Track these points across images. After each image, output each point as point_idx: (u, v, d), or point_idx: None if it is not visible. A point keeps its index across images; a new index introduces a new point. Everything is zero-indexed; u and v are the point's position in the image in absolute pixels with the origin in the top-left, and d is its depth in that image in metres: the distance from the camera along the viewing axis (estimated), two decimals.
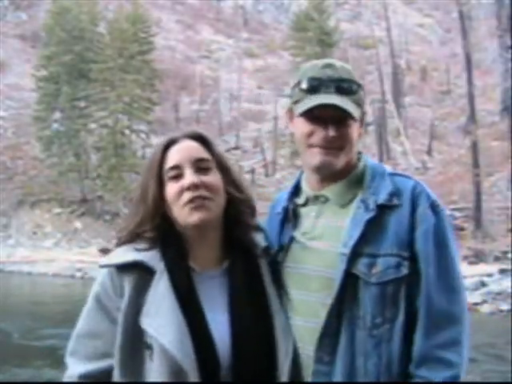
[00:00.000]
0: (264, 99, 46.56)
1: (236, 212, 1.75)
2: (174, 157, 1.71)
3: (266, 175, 38.34)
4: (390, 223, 1.69)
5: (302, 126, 1.77)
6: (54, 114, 38.11)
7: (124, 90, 36.14)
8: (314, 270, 1.74)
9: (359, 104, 1.77)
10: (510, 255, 22.41)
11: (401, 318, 1.65)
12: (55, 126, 38.15)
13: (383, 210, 1.71)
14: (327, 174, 1.79)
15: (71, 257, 29.21)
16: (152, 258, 1.67)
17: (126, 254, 1.68)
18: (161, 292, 1.63)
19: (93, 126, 37.67)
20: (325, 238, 1.75)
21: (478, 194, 26.88)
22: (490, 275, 19.35)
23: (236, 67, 48.59)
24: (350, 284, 1.67)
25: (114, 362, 1.64)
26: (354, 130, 1.77)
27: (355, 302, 1.67)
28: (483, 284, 18.24)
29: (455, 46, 41.18)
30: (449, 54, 46.65)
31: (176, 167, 1.70)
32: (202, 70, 49.63)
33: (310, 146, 1.76)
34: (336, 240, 1.72)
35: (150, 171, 1.72)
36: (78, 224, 34.99)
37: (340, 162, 1.76)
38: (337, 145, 1.74)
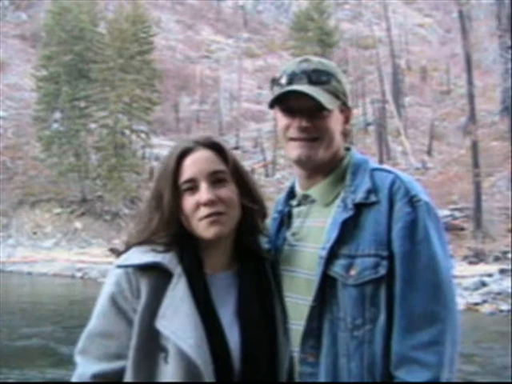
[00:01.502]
0: (264, 99, 46.55)
1: (249, 222, 1.76)
2: (189, 169, 1.69)
3: (266, 175, 38.34)
4: (368, 222, 1.66)
5: (280, 120, 1.78)
6: (54, 113, 38.13)
7: (124, 89, 36.14)
8: (300, 272, 1.73)
9: (336, 95, 1.75)
10: (510, 255, 22.40)
11: (382, 318, 1.62)
12: (55, 126, 38.16)
13: (361, 208, 1.67)
14: (311, 168, 1.77)
15: (71, 257, 29.22)
16: (170, 260, 1.66)
17: (145, 255, 1.67)
18: (179, 295, 1.62)
19: (93, 126, 37.68)
20: (308, 239, 1.74)
21: (478, 194, 26.85)
22: (490, 275, 19.34)
23: (236, 67, 48.60)
24: (328, 286, 1.65)
25: (128, 363, 1.62)
26: (333, 121, 1.75)
27: (335, 303, 1.65)
28: (483, 284, 18.24)
29: (455, 46, 41.16)
30: (449, 53, 46.62)
31: (191, 180, 1.69)
32: (202, 70, 49.65)
33: (289, 139, 1.76)
34: (317, 241, 1.70)
35: (165, 180, 1.70)
36: (77, 224, 34.99)
37: (319, 153, 1.74)
38: (312, 136, 1.73)
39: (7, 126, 41.33)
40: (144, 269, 1.65)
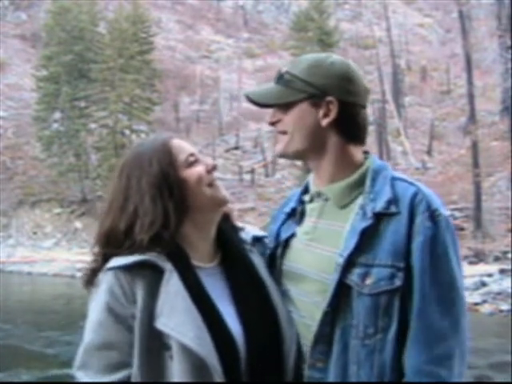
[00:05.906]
0: None
1: None
2: (185, 147, 1.77)
3: (266, 175, 38.34)
4: (387, 232, 1.66)
5: None
6: (54, 113, 38.16)
7: (124, 89, 36.16)
8: (309, 272, 1.73)
9: (295, 89, 1.76)
10: (510, 255, 22.39)
11: (394, 328, 1.63)
12: (55, 125, 38.19)
13: (381, 218, 1.67)
14: (295, 159, 1.87)
15: (71, 257, 29.20)
16: (158, 257, 1.64)
17: (132, 256, 1.64)
18: (173, 291, 1.61)
19: (93, 126, 37.71)
20: (323, 241, 1.74)
21: (478, 194, 26.84)
22: (490, 275, 19.33)
23: (236, 67, 48.62)
24: (343, 293, 1.66)
25: (134, 368, 1.59)
26: (298, 115, 1.76)
27: (349, 310, 1.66)
28: (483, 284, 18.22)
29: (455, 46, 41.18)
30: (449, 53, 46.64)
31: (193, 154, 1.76)
32: (202, 70, 49.64)
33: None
34: (333, 245, 1.70)
35: (168, 165, 1.70)
36: (77, 224, 35.00)
37: (288, 146, 1.78)
38: (280, 130, 1.80)
39: (7, 125, 41.34)
40: (135, 270, 1.62)
